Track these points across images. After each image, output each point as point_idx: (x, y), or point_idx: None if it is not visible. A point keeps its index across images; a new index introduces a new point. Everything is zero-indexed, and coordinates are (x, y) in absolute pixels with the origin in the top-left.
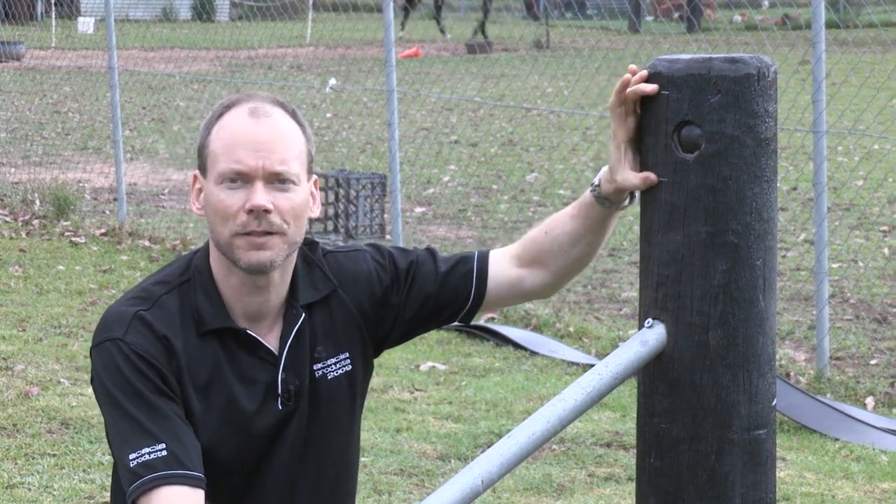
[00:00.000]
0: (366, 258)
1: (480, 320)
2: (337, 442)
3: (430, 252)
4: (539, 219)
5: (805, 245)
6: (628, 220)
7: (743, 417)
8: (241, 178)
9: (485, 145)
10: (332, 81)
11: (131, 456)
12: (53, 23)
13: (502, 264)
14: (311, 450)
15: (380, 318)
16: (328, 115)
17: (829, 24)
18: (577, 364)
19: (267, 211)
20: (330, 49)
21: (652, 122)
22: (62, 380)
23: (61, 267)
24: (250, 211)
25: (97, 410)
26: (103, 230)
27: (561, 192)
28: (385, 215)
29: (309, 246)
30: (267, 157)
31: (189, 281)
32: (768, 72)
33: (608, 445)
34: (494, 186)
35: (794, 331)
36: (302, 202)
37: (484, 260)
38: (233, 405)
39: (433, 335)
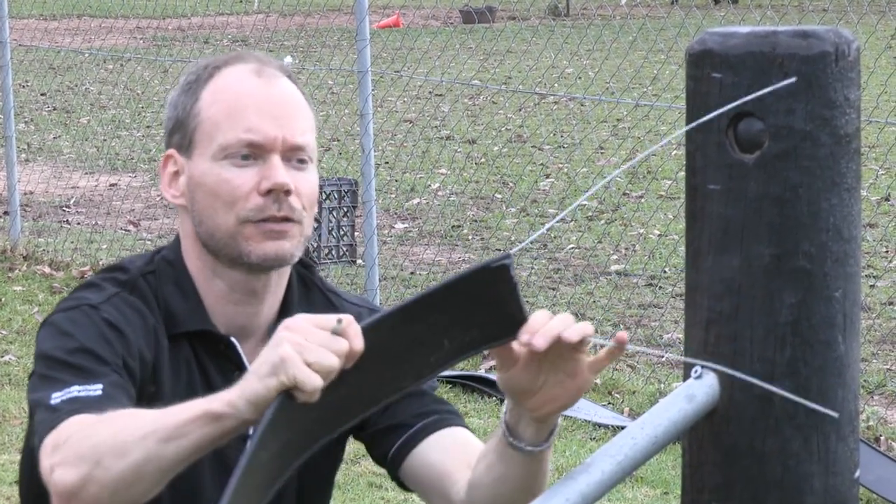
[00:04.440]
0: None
1: (480, 369)
2: None
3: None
4: (555, 238)
5: None
6: (671, 241)
7: (817, 493)
8: (253, 152)
9: (486, 142)
10: (288, 60)
11: (55, 395)
12: None
13: (451, 450)
14: None
15: None
16: None
17: None
18: (606, 426)
19: (288, 192)
20: (284, 18)
21: (701, 114)
22: None
23: None
24: (268, 192)
25: None
26: None
27: (584, 202)
28: (356, 233)
29: (306, 267)
30: (286, 127)
31: (154, 273)
32: (849, 49)
33: None
34: (498, 196)
35: (886, 382)
36: (317, 187)
37: (436, 428)
38: None
39: None
